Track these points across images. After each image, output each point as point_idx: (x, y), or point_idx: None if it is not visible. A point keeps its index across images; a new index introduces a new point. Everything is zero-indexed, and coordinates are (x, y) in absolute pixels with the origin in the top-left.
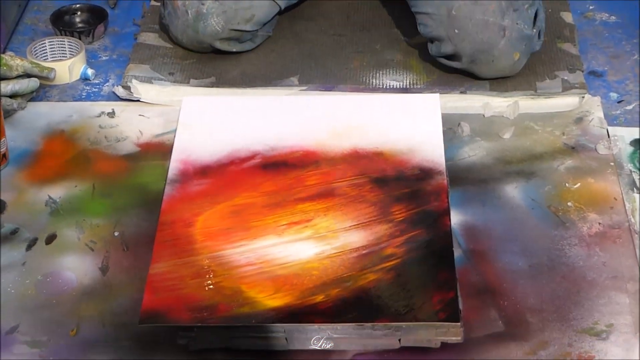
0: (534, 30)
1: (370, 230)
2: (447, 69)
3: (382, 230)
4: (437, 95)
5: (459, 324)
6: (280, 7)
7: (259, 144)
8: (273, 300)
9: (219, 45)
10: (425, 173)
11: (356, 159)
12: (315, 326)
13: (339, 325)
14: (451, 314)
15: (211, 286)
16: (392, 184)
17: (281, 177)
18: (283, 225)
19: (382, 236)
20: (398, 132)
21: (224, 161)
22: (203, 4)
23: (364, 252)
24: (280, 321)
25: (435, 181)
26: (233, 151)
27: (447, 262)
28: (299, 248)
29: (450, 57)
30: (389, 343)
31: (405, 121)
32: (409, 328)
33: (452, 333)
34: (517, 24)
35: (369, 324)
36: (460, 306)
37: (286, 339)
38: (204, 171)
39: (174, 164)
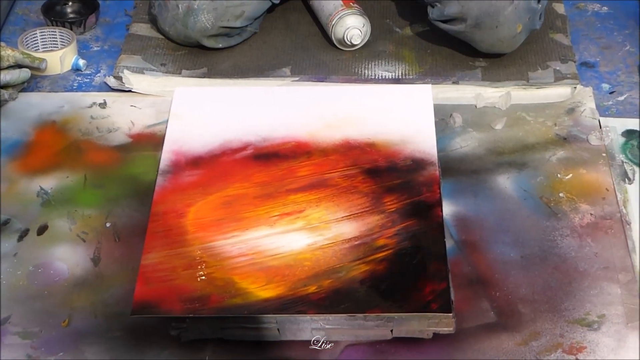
0: (539, 5)
1: (363, 221)
2: (444, 41)
3: (374, 221)
4: (429, 86)
5: (451, 314)
6: (272, 2)
7: (251, 135)
8: (265, 291)
9: (206, 42)
10: (417, 164)
11: (348, 149)
12: (308, 317)
13: (331, 316)
14: (443, 305)
15: (203, 277)
16: (384, 174)
17: (273, 168)
18: (275, 216)
19: (374, 227)
20: (390, 123)
21: (216, 152)
22: (194, 0)
23: (356, 243)
24: (273, 312)
25: (427, 172)
26: (225, 142)
27: (439, 253)
28: (291, 239)
29: (451, 20)
30: (381, 334)
31: (397, 112)
32: (401, 319)
33: (444, 324)
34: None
35: (361, 315)
36: (452, 297)
37: (278, 329)
38: (196, 162)
39: (166, 155)
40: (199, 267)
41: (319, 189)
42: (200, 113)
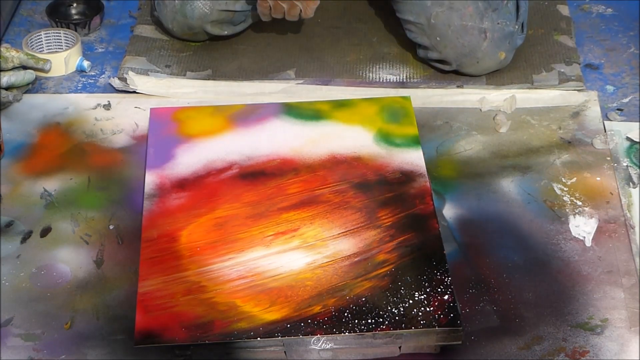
0: (517, 26)
1: (360, 236)
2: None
3: (371, 237)
4: (409, 96)
5: (460, 328)
6: None
7: (234, 154)
8: (270, 314)
9: (210, 28)
10: (407, 176)
11: (335, 164)
12: (314, 338)
13: (339, 336)
14: (452, 319)
15: (205, 302)
16: (375, 188)
17: (261, 187)
18: (269, 236)
19: (372, 242)
20: (373, 136)
21: (201, 173)
22: None
23: (355, 259)
24: (280, 334)
25: (418, 184)
26: (208, 162)
27: (441, 266)
28: (289, 258)
29: (438, 61)
30: (389, 351)
31: (380, 123)
32: (410, 335)
33: (453, 337)
34: (497, 23)
35: (370, 333)
36: (458, 309)
37: (285, 352)
38: (181, 184)
39: (150, 178)
40: (199, 292)
41: (311, 206)
42: (179, 133)
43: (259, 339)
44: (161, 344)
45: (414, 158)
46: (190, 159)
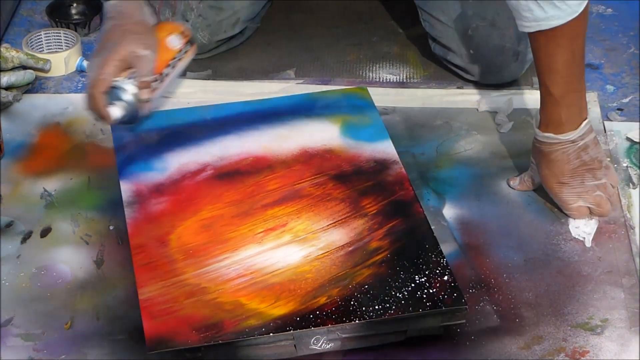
0: None
1: (349, 226)
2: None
3: (360, 225)
4: (365, 87)
5: (466, 306)
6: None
7: (206, 155)
8: (277, 309)
9: (207, 55)
10: (381, 165)
11: (308, 158)
12: (324, 329)
13: (347, 325)
14: (456, 298)
15: (210, 303)
16: (353, 178)
17: (240, 186)
18: (260, 233)
19: (362, 231)
20: (339, 128)
21: (175, 177)
22: (187, 21)
23: (350, 249)
24: (291, 328)
25: (393, 171)
26: (181, 165)
27: (434, 248)
28: (284, 253)
29: (458, 66)
30: (395, 336)
31: (343, 115)
32: (417, 318)
33: (458, 317)
34: (529, 46)
35: (378, 319)
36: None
37: (295, 345)
38: (158, 189)
39: (125, 186)
40: (201, 293)
41: (294, 200)
42: (146, 139)
43: (271, 334)
44: (175, 348)
45: (384, 146)
46: (162, 163)
